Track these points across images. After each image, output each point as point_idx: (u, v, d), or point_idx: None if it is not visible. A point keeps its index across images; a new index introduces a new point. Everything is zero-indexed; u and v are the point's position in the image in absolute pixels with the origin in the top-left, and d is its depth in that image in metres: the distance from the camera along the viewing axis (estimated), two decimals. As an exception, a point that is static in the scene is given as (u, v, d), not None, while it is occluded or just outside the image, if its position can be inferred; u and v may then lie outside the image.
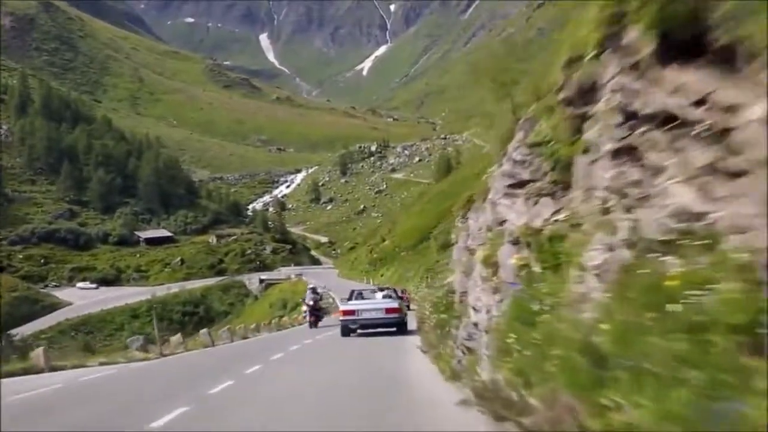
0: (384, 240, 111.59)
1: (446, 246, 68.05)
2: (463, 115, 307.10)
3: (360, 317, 25.45)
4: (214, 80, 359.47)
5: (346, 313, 25.92)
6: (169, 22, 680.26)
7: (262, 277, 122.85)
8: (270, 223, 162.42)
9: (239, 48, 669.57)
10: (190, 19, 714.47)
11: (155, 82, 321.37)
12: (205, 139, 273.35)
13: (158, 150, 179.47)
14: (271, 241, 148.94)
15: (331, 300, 61.81)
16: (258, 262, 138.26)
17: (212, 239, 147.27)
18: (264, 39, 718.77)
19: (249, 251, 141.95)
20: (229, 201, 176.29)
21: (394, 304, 26.25)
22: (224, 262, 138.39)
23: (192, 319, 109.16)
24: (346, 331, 25.71)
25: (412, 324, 25.22)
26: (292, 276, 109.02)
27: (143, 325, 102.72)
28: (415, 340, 20.23)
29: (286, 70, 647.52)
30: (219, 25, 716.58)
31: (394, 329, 25.29)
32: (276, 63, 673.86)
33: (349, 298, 28.08)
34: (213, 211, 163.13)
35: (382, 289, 31.37)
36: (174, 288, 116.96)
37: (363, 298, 27.94)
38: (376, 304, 26.33)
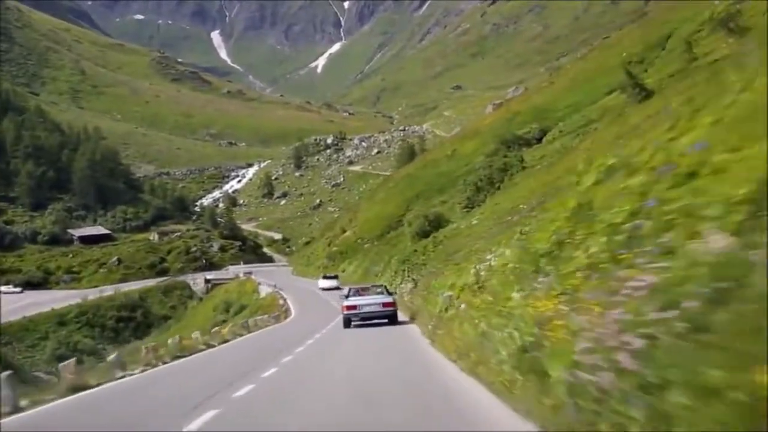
0: (344, 231, 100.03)
1: (426, 233, 58.15)
2: (421, 109, 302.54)
3: (361, 311, 28.26)
4: (161, 73, 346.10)
5: (348, 308, 28.58)
6: (117, 19, 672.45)
7: (208, 276, 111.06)
8: (218, 218, 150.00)
9: (190, 45, 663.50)
10: (140, 16, 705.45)
11: (98, 75, 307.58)
12: (150, 133, 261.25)
13: (97, 142, 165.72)
14: (219, 238, 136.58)
15: (281, 302, 53.72)
16: (204, 261, 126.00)
17: (154, 236, 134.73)
18: (216, 36, 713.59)
19: (194, 249, 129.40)
20: (174, 196, 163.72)
21: (389, 299, 29.00)
22: (166, 261, 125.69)
23: (128, 325, 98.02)
24: (348, 323, 28.35)
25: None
26: (241, 275, 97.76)
27: (71, 333, 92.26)
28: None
29: (239, 68, 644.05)
30: (169, 22, 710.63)
31: (386, 321, 27.91)
32: (228, 60, 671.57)
33: (347, 296, 30.50)
34: (156, 206, 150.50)
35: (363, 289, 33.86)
36: (108, 290, 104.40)
37: (360, 295, 30.36)
38: (374, 299, 28.96)
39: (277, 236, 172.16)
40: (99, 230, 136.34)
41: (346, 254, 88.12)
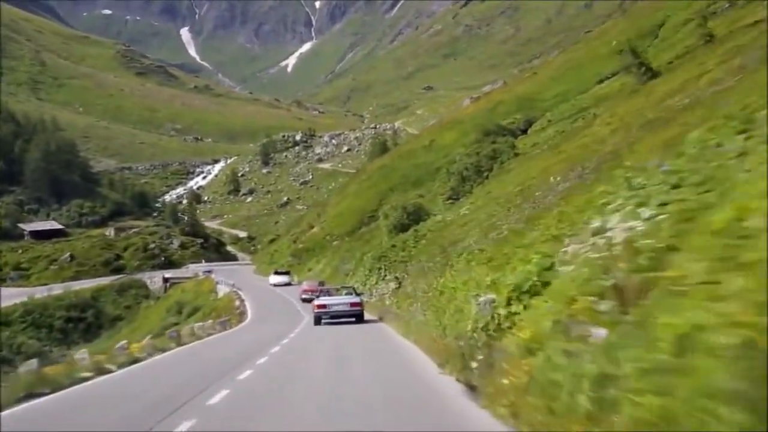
0: (312, 227, 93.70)
1: (404, 227, 52.15)
2: (392, 109, 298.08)
3: (330, 310, 30.77)
4: (126, 66, 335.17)
5: (319, 306, 31.14)
6: (84, 14, 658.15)
7: (167, 275, 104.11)
8: (180, 215, 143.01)
9: (159, 42, 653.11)
10: (107, 12, 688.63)
11: (60, 67, 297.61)
12: (113, 126, 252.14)
13: (54, 132, 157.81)
14: (180, 235, 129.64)
15: (237, 303, 50.10)
16: (163, 258, 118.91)
17: (110, 232, 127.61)
18: (185, 33, 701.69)
19: (153, 246, 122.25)
20: (134, 191, 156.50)
21: (357, 300, 31.50)
22: (122, 258, 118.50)
23: (78, 326, 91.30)
24: (318, 320, 30.78)
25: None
26: (200, 273, 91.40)
27: (15, 334, 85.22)
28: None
29: (208, 66, 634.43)
30: (137, 18, 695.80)
31: (353, 319, 30.21)
32: (197, 58, 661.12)
33: (318, 296, 34.16)
34: (114, 201, 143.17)
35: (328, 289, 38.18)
36: (57, 289, 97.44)
37: (330, 296, 33.22)
38: (342, 300, 31.70)
39: (243, 234, 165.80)
40: (52, 225, 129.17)
41: (313, 252, 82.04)
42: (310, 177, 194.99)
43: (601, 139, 24.68)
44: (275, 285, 68.00)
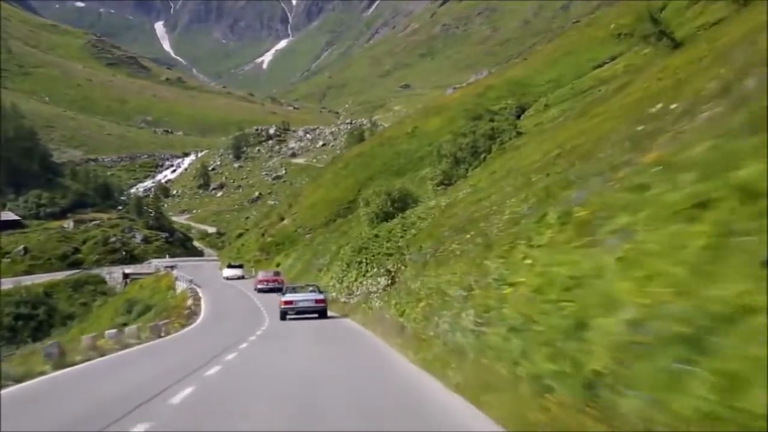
0: (282, 219, 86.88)
1: (388, 215, 45.46)
2: (368, 106, 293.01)
3: (296, 306, 31.62)
4: (96, 57, 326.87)
5: (286, 303, 31.81)
6: (57, 6, 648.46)
7: (127, 270, 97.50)
8: (145, 207, 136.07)
9: (132, 36, 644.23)
10: (80, 4, 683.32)
11: (26, 55, 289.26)
12: (80, 117, 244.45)
13: (15, 120, 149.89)
14: (143, 229, 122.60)
15: (189, 302, 44.74)
16: (124, 253, 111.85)
17: (68, 224, 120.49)
18: (159, 27, 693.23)
19: (113, 239, 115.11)
20: (97, 183, 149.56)
21: (321, 296, 32.25)
22: (81, 251, 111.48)
23: (28, 324, 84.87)
24: (284, 315, 31.51)
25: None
26: (162, 269, 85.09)
27: (-41, 331, 79.39)
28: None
29: (183, 61, 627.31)
30: (111, 11, 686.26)
31: (316, 315, 31.09)
32: (172, 53, 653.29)
33: (284, 293, 33.39)
34: (76, 192, 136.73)
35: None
36: (7, 284, 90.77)
37: (296, 292, 33.36)
38: (308, 296, 32.35)
39: (211, 230, 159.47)
40: (7, 216, 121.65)
41: (283, 246, 75.58)
42: (284, 172, 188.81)
43: (657, 92, 18.83)
44: (228, 278, 66.92)
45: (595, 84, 51.40)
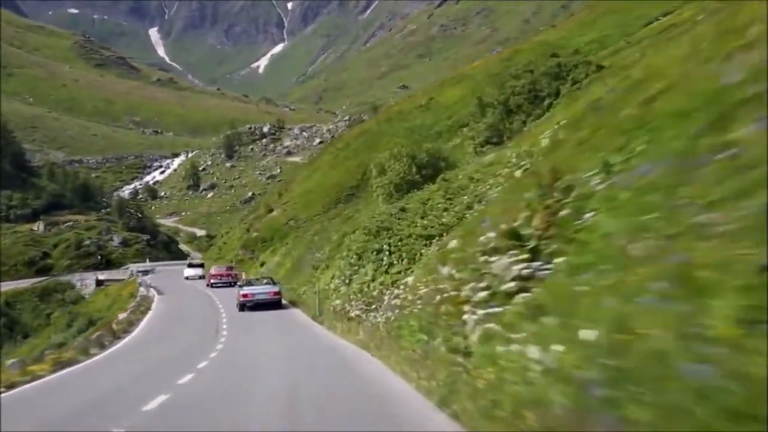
0: (270, 210, 75.11)
1: (413, 185, 31.43)
2: (366, 107, 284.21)
3: (254, 298, 33.95)
4: (84, 58, 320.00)
5: (244, 295, 34.15)
6: (50, 12, 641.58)
7: (101, 276, 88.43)
8: (127, 209, 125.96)
9: (126, 42, 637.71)
10: (74, 10, 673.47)
11: (11, 55, 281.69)
12: (64, 118, 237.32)
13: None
14: (123, 231, 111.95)
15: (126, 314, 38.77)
16: (100, 257, 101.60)
17: (38, 227, 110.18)
18: (154, 33, 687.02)
19: (88, 242, 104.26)
20: (76, 183, 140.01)
21: (276, 289, 35.40)
22: (51, 256, 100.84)
23: (-15, 337, 74.74)
24: (242, 307, 33.79)
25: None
26: (134, 274, 75.17)
27: None
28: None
29: (178, 66, 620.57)
30: (105, 17, 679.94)
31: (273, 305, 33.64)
32: (167, 59, 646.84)
33: (241, 286, 36.31)
34: (51, 193, 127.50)
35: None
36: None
37: (252, 285, 36.30)
38: (264, 289, 35.16)
39: (201, 232, 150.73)
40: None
41: (270, 242, 64.56)
42: (279, 171, 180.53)
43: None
44: (188, 278, 64.39)
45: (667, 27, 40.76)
